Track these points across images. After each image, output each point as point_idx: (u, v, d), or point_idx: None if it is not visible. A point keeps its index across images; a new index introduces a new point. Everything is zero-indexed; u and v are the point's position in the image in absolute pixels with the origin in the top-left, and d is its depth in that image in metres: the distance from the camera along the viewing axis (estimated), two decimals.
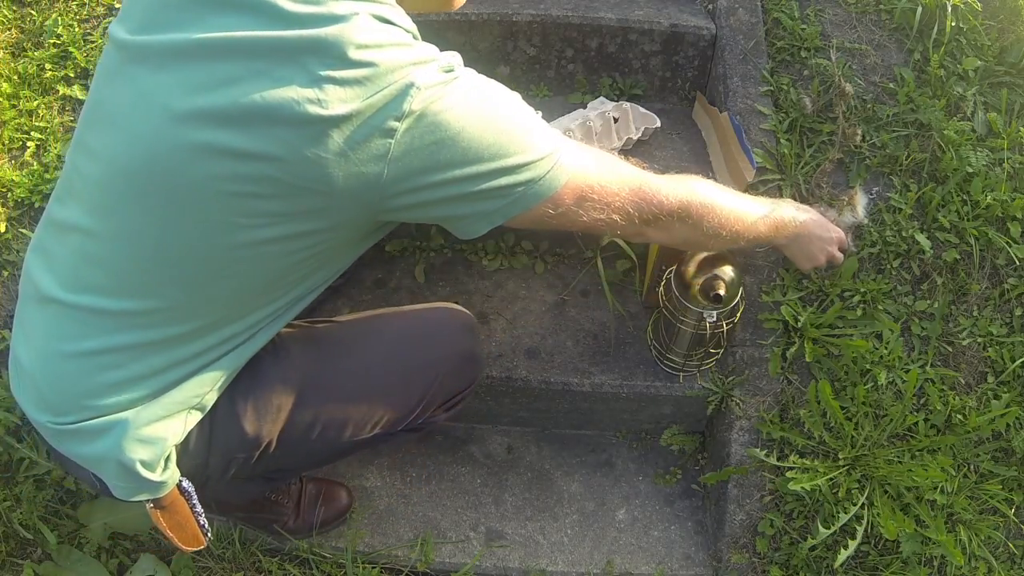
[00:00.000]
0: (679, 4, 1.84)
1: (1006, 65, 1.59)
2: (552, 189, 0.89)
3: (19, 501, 1.42)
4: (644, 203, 0.99)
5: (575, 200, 0.92)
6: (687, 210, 1.03)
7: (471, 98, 0.83)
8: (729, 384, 1.44)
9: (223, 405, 0.98)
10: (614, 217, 0.96)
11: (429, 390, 1.12)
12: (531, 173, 0.86)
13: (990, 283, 1.48)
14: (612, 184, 0.95)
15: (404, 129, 0.78)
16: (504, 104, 0.87)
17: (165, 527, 1.01)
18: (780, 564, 1.35)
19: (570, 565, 1.40)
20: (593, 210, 0.94)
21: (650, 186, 1.00)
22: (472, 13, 1.71)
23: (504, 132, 0.84)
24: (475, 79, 0.86)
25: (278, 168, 0.77)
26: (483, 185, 0.84)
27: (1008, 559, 1.37)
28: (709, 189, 1.09)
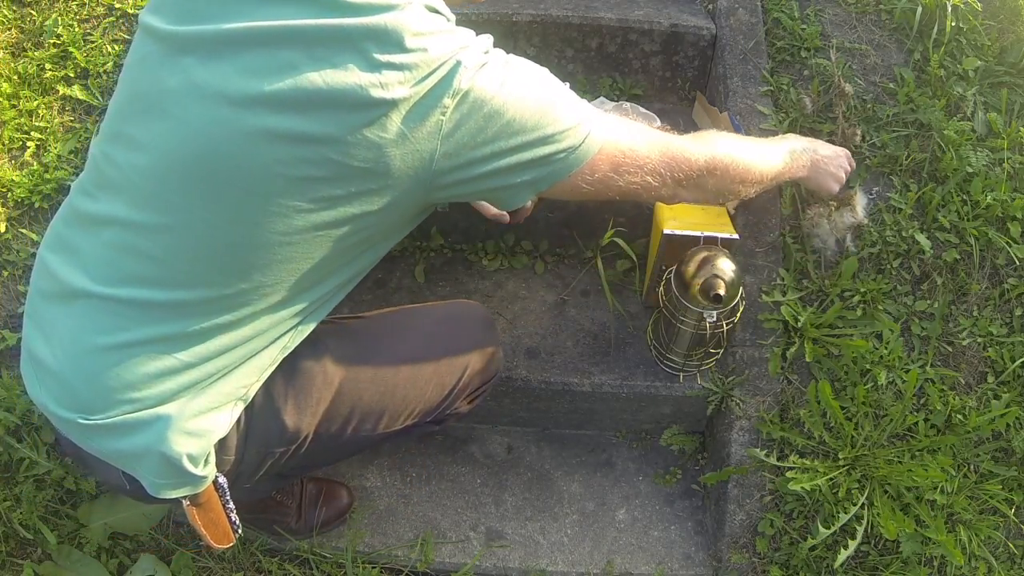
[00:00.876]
0: (679, 4, 1.84)
1: (1006, 65, 1.59)
2: (588, 155, 0.93)
3: (19, 501, 1.42)
4: (675, 163, 1.03)
5: (610, 166, 0.96)
6: (713, 164, 1.08)
7: (509, 74, 0.87)
8: (729, 384, 1.44)
9: (261, 399, 0.99)
10: (648, 179, 1.00)
11: (459, 382, 1.15)
12: (569, 141, 0.91)
13: (990, 283, 1.48)
14: (643, 148, 0.99)
15: (454, 106, 0.82)
16: (538, 78, 0.92)
17: (199, 524, 1.00)
18: (780, 564, 1.36)
19: (570, 565, 1.40)
20: (628, 174, 0.98)
21: (677, 146, 1.04)
22: (472, 13, 1.71)
23: (541, 104, 0.89)
24: (507, 57, 0.91)
25: (339, 151, 0.80)
26: (527, 155, 0.88)
27: (1008, 559, 1.37)
28: (729, 141, 1.14)
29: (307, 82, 0.78)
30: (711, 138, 1.13)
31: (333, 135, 0.79)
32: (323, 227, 0.85)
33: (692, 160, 1.05)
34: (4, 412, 1.36)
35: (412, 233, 1.68)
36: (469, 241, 1.67)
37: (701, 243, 1.37)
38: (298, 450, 1.05)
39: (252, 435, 0.99)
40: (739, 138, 1.19)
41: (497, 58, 0.89)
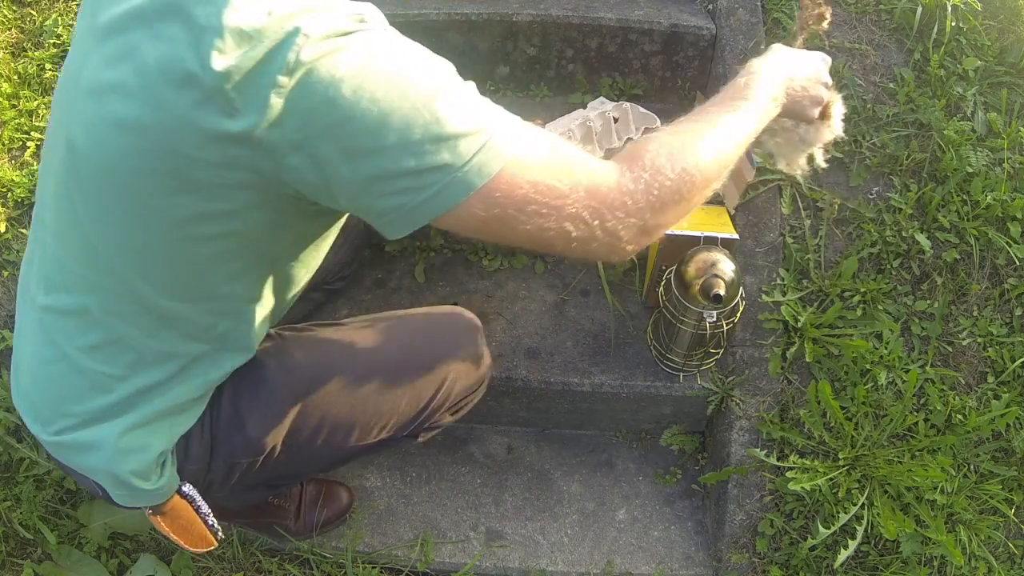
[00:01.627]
0: (679, 4, 1.84)
1: (1006, 65, 1.59)
2: (480, 179, 0.70)
3: (19, 501, 1.42)
4: (606, 209, 0.75)
5: (513, 200, 0.71)
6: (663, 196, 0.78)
7: (379, 55, 0.68)
8: (729, 384, 1.44)
9: (226, 410, 0.97)
10: (566, 226, 0.74)
11: (437, 394, 1.10)
12: (449, 155, 0.68)
13: (990, 283, 1.48)
14: (565, 181, 0.73)
15: (292, 85, 0.66)
16: (422, 66, 0.71)
17: (168, 531, 1.00)
18: (780, 564, 1.35)
19: (570, 565, 1.40)
20: (537, 215, 0.72)
21: (614, 183, 0.76)
22: (472, 13, 1.71)
23: (417, 99, 0.68)
24: (391, 36, 0.72)
25: (174, 138, 0.69)
26: (388, 165, 0.69)
27: (1008, 559, 1.37)
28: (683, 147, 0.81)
29: (143, 62, 0.69)
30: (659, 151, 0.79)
31: (164, 121, 0.69)
32: (183, 226, 0.75)
33: (633, 198, 0.76)
34: (4, 412, 1.36)
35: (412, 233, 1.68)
36: (469, 241, 1.67)
37: (701, 243, 1.37)
38: (267, 461, 1.02)
39: (217, 446, 0.97)
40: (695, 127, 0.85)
41: (371, 33, 0.70)
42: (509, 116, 0.76)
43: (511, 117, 0.76)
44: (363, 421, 1.06)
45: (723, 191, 1.53)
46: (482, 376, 1.17)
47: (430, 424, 1.14)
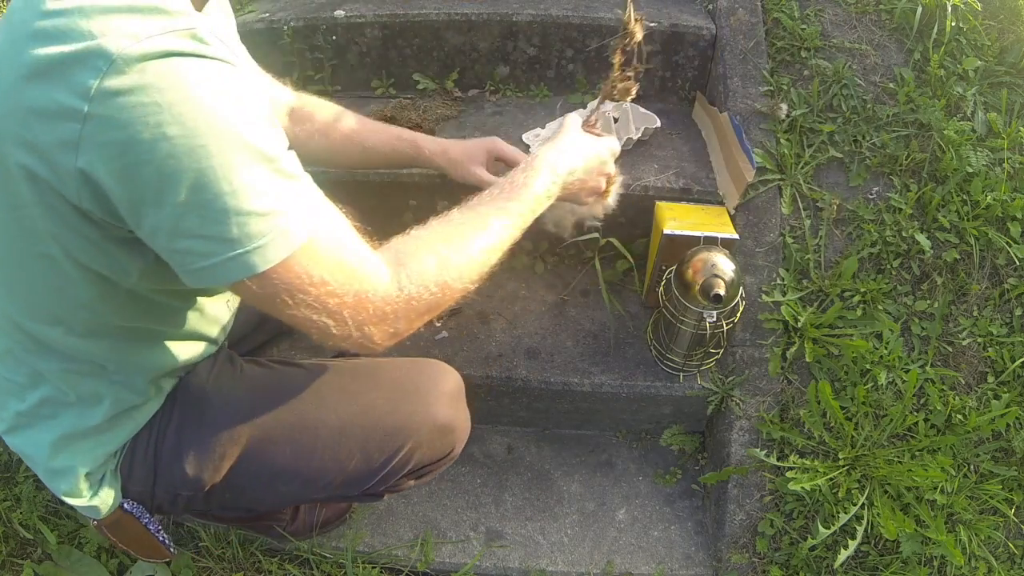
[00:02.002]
0: (679, 4, 1.84)
1: (1006, 65, 1.59)
2: (263, 265, 0.69)
3: (19, 501, 1.42)
4: (367, 315, 0.79)
5: (287, 288, 0.72)
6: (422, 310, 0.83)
7: (191, 99, 0.63)
8: (729, 384, 1.44)
9: (170, 440, 0.97)
10: (327, 321, 0.76)
11: (392, 460, 1.02)
12: (237, 231, 0.66)
13: (990, 283, 1.48)
14: (340, 282, 0.75)
15: (94, 113, 0.61)
16: (236, 125, 0.65)
17: (115, 541, 1.03)
18: (780, 564, 1.35)
19: (570, 565, 1.40)
20: (304, 306, 0.74)
21: (382, 293, 0.79)
22: (472, 13, 1.72)
23: (219, 164, 0.64)
24: (215, 72, 0.65)
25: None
26: (173, 223, 0.66)
27: (1008, 559, 1.37)
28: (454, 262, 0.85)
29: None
30: (428, 260, 0.83)
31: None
32: (23, 245, 0.73)
33: (394, 310, 0.80)
34: None
35: None
36: None
37: (701, 243, 1.37)
38: (211, 496, 1.02)
39: (159, 474, 0.98)
40: (467, 230, 0.89)
41: (190, 68, 0.63)
42: (310, 196, 0.74)
43: (312, 198, 0.74)
44: (308, 475, 1.02)
45: (723, 191, 1.53)
46: (449, 445, 1.08)
47: (386, 488, 1.08)
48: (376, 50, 1.80)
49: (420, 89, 1.82)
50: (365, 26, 1.76)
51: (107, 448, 0.94)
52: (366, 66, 1.83)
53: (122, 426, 0.95)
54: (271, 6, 1.88)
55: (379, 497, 1.13)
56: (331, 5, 1.81)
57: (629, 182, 1.53)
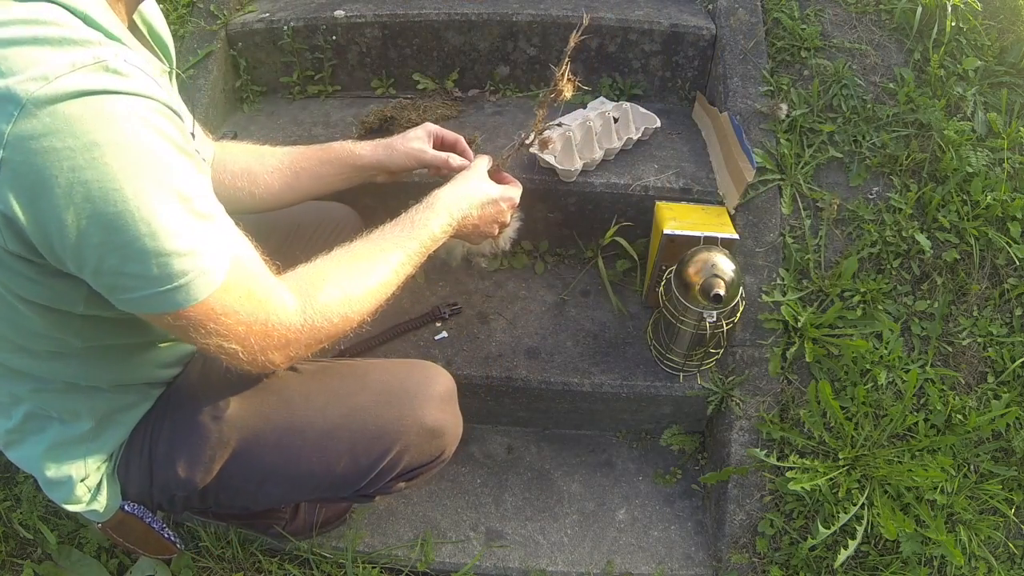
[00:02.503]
0: (679, 4, 1.84)
1: (1006, 65, 1.59)
2: (179, 303, 0.72)
3: (19, 501, 1.42)
4: (272, 344, 0.83)
5: (200, 321, 0.75)
6: (321, 340, 0.88)
7: (108, 143, 0.63)
8: (729, 384, 1.44)
9: (163, 443, 0.98)
10: (236, 348, 0.80)
11: (380, 463, 1.03)
12: (156, 270, 0.69)
13: (990, 283, 1.48)
14: (250, 315, 0.79)
15: (8, 159, 0.61)
16: (152, 165, 0.66)
17: (122, 541, 1.05)
18: (780, 564, 1.35)
19: (570, 565, 1.40)
20: (216, 335, 0.78)
21: (287, 325, 0.83)
22: (472, 13, 1.72)
23: (136, 207, 0.65)
24: (131, 110, 0.64)
25: None
26: (94, 262, 0.68)
27: (1008, 559, 1.37)
28: (340, 286, 0.90)
29: None
30: (333, 294, 0.88)
31: None
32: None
33: (296, 339, 0.85)
34: None
35: None
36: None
37: (701, 243, 1.37)
38: (206, 496, 1.03)
39: (155, 476, 0.99)
40: (367, 265, 0.94)
41: (107, 106, 0.62)
42: (226, 233, 0.77)
43: (228, 234, 0.77)
44: (295, 476, 1.03)
45: (723, 191, 1.53)
46: (439, 448, 1.08)
47: (377, 490, 1.09)
48: (376, 50, 1.80)
49: (420, 89, 1.82)
50: (365, 26, 1.76)
51: (99, 454, 0.96)
52: (366, 66, 1.83)
53: (110, 433, 0.96)
54: (271, 6, 1.88)
55: (370, 499, 1.13)
56: (331, 5, 1.81)
57: (629, 182, 1.54)
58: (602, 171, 1.57)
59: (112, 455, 0.98)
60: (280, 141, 1.70)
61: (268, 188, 1.23)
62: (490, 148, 1.61)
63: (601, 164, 1.58)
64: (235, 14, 1.86)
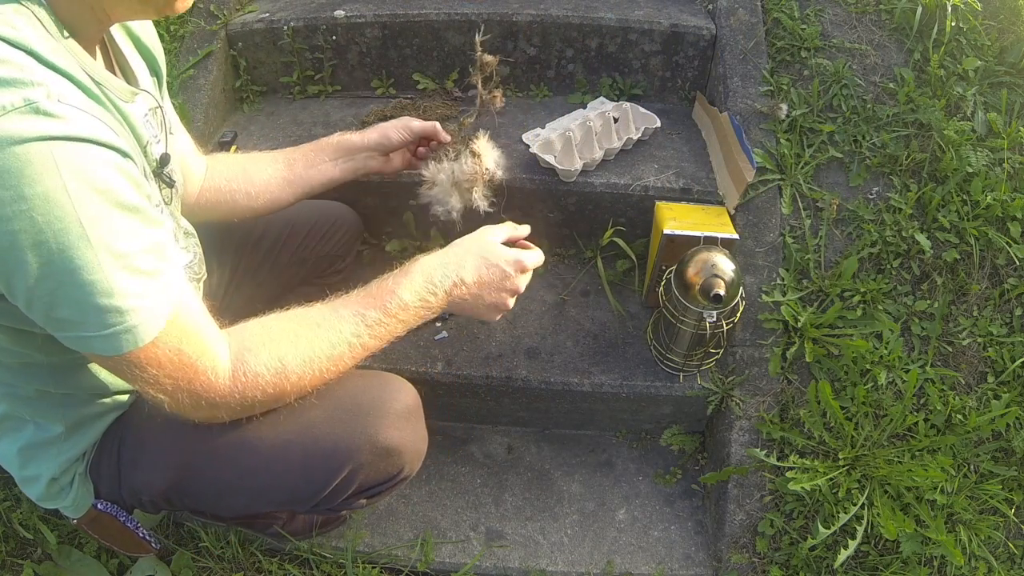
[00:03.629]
0: (679, 4, 1.84)
1: (1006, 65, 1.59)
2: (112, 351, 0.73)
3: (19, 501, 1.42)
4: (203, 401, 0.83)
5: (131, 366, 0.76)
6: (250, 399, 0.86)
7: (35, 194, 0.62)
8: (729, 384, 1.44)
9: (129, 445, 0.99)
10: (162, 398, 0.81)
11: (334, 480, 1.00)
12: (93, 319, 0.70)
13: (990, 283, 1.48)
14: (178, 370, 0.79)
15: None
16: (83, 219, 0.64)
17: (97, 537, 1.06)
18: (780, 564, 1.35)
19: (570, 565, 1.40)
20: (144, 383, 0.78)
21: (215, 388, 0.82)
22: (472, 13, 1.72)
23: (63, 259, 0.65)
24: (70, 146, 0.63)
25: None
26: (28, 304, 0.69)
27: (1008, 559, 1.37)
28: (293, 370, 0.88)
29: None
30: (267, 363, 0.86)
31: None
32: None
33: (227, 403, 0.85)
34: None
35: (412, 233, 1.68)
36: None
37: (701, 243, 1.37)
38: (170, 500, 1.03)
39: (123, 477, 1.00)
40: (314, 336, 0.90)
41: (46, 154, 0.61)
42: (170, 290, 0.76)
43: (171, 292, 0.76)
44: (253, 491, 1.02)
45: (723, 191, 1.53)
46: (396, 467, 1.04)
47: (337, 505, 1.06)
48: (376, 50, 1.80)
49: (420, 89, 1.82)
50: (365, 26, 1.76)
51: (70, 455, 0.97)
52: (366, 66, 1.83)
53: (82, 434, 0.97)
54: (271, 6, 1.88)
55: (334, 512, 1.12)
56: (331, 5, 1.81)
57: (629, 182, 1.54)
58: (602, 171, 1.57)
59: (84, 455, 0.99)
60: (280, 141, 1.71)
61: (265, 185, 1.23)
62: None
63: (601, 164, 1.58)
64: (235, 14, 1.86)
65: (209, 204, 1.21)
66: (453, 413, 1.58)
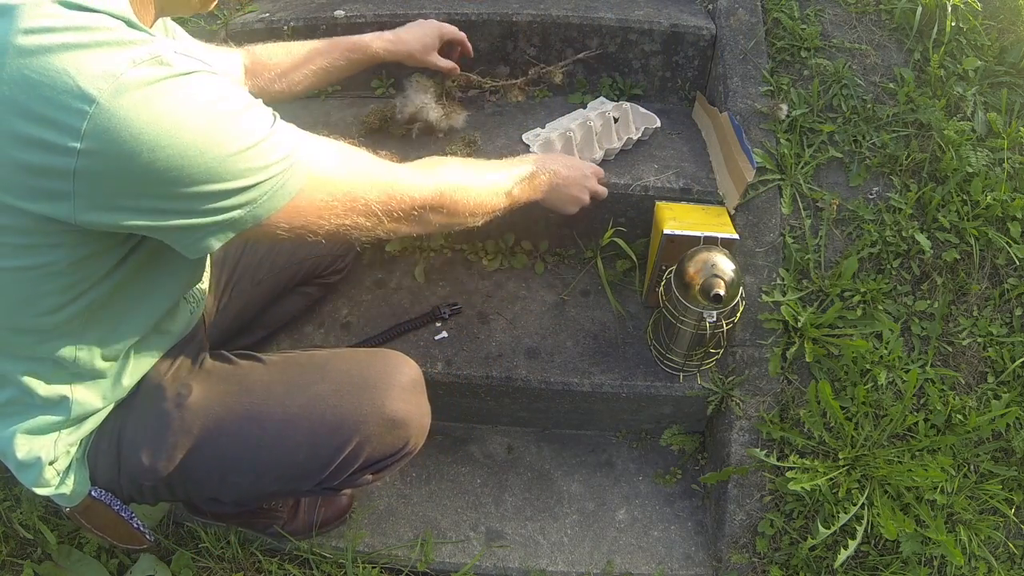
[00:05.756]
0: (679, 4, 1.84)
1: (1006, 65, 1.59)
2: (284, 200, 0.80)
3: (19, 501, 1.42)
4: (393, 201, 0.93)
5: (315, 211, 0.84)
6: (439, 200, 1.00)
7: (177, 104, 0.70)
8: (729, 384, 1.44)
9: (129, 431, 0.99)
10: (361, 220, 0.90)
11: (341, 453, 1.02)
12: (255, 192, 0.77)
13: (990, 283, 1.48)
14: (357, 187, 0.89)
15: (86, 149, 0.66)
16: (222, 109, 0.74)
17: (89, 528, 1.05)
18: (780, 564, 1.35)
19: (570, 565, 1.40)
20: (335, 216, 0.87)
21: (400, 183, 0.95)
22: (472, 13, 1.72)
23: (220, 144, 0.73)
24: (190, 78, 0.72)
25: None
26: (196, 205, 0.74)
27: (1008, 559, 1.37)
28: (456, 171, 1.06)
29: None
30: (437, 168, 1.04)
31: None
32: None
33: (416, 198, 0.96)
34: None
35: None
36: (469, 241, 1.67)
37: (701, 243, 1.37)
38: (173, 487, 1.04)
39: (122, 464, 1.00)
40: (470, 165, 1.12)
41: (170, 80, 0.70)
42: (303, 136, 0.85)
43: (306, 136, 0.85)
44: (256, 466, 1.03)
45: (723, 191, 1.53)
46: (402, 440, 1.07)
47: (341, 482, 1.08)
48: None
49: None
50: (365, 26, 1.76)
51: (70, 439, 0.97)
52: None
53: (85, 420, 0.97)
54: (271, 6, 1.88)
55: (336, 492, 1.12)
56: (331, 5, 1.81)
57: (629, 182, 1.54)
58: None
59: (82, 440, 0.99)
60: None
61: (299, 85, 1.40)
62: (490, 148, 1.61)
63: (601, 164, 1.58)
64: (235, 14, 1.86)
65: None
66: (453, 413, 1.58)
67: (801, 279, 1.48)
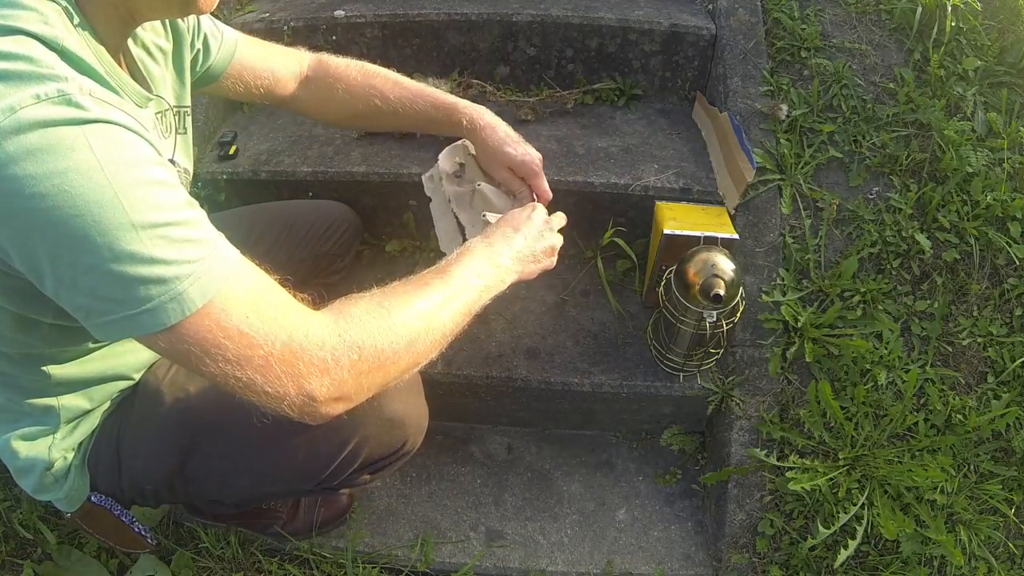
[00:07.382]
0: (679, 4, 1.84)
1: (1006, 65, 1.59)
2: (169, 320, 0.67)
3: (19, 501, 1.42)
4: (297, 360, 0.72)
5: (200, 343, 0.69)
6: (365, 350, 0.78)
7: (82, 170, 0.62)
8: (729, 384, 1.44)
9: (129, 435, 0.99)
10: (253, 376, 0.71)
11: (340, 453, 1.01)
12: (123, 293, 0.65)
13: (990, 283, 1.48)
14: (260, 337, 0.71)
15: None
16: (130, 186, 0.64)
17: (92, 533, 1.06)
18: (780, 564, 1.35)
19: (570, 565, 1.40)
20: (223, 361, 0.70)
21: (312, 332, 0.74)
22: (472, 13, 1.72)
23: (98, 230, 0.63)
24: (108, 136, 0.64)
25: None
26: (72, 284, 0.66)
27: (1008, 559, 1.37)
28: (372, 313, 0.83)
29: None
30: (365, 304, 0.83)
31: None
32: None
33: (326, 348, 0.74)
34: None
35: (412, 233, 1.68)
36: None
37: (701, 243, 1.37)
38: (173, 489, 1.04)
39: (123, 468, 1.00)
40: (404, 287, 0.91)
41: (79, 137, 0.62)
42: (213, 258, 0.69)
43: (217, 258, 0.70)
44: (256, 468, 1.03)
45: (723, 191, 1.53)
46: (400, 439, 1.06)
47: (340, 482, 1.07)
48: (376, 50, 1.80)
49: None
50: (365, 26, 1.76)
51: (66, 445, 0.97)
52: None
53: (79, 425, 0.97)
54: (271, 6, 1.88)
55: (335, 491, 1.12)
56: (331, 5, 1.81)
57: (629, 182, 1.54)
58: (602, 171, 1.57)
59: (81, 445, 0.99)
60: (280, 141, 1.71)
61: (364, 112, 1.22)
62: None
63: (601, 164, 1.58)
64: (235, 14, 1.86)
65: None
66: (453, 413, 1.58)
67: (801, 279, 1.48)
